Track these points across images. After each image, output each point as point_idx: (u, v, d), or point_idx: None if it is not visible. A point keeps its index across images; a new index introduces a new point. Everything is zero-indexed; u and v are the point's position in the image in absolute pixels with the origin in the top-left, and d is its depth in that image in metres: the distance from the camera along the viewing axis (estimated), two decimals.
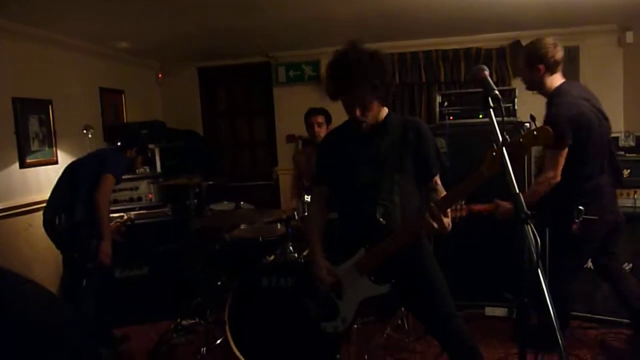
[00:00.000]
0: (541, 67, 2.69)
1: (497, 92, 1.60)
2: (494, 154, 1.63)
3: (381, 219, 2.05)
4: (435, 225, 1.87)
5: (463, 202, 2.65)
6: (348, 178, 2.15)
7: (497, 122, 1.59)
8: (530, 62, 2.72)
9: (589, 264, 3.58)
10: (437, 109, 4.11)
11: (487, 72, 1.69)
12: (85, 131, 4.18)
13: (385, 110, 2.14)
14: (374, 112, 2.06)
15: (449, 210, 1.92)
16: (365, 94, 1.98)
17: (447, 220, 1.91)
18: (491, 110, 1.61)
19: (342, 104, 2.09)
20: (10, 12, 3.35)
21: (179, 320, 3.71)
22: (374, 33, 4.70)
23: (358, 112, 2.01)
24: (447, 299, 2.12)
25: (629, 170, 3.49)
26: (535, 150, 4.22)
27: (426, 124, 2.23)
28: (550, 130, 1.60)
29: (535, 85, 2.79)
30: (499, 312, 3.77)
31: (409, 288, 2.16)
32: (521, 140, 1.63)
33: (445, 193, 2.07)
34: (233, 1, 3.49)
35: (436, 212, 1.87)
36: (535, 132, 1.61)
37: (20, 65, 3.74)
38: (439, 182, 2.15)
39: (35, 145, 3.88)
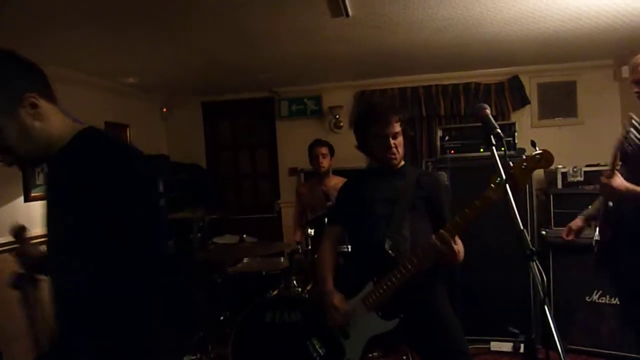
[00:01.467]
0: None
1: (499, 130, 1.64)
2: (498, 179, 1.66)
3: (390, 251, 2.08)
4: (445, 250, 1.89)
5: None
6: (362, 213, 2.22)
7: (500, 157, 1.62)
8: None
9: (594, 297, 3.58)
10: (438, 143, 4.16)
11: (488, 110, 1.74)
12: None
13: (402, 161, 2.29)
14: (402, 150, 2.21)
15: (458, 239, 1.95)
16: (399, 122, 2.17)
17: (457, 248, 1.93)
18: (493, 147, 1.64)
19: (369, 149, 2.26)
20: (19, 49, 3.43)
21: None
22: (374, 70, 4.81)
23: (392, 143, 2.15)
24: (461, 338, 2.12)
25: None
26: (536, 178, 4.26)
27: (440, 176, 2.36)
28: (551, 153, 1.66)
29: None
30: (505, 347, 3.73)
31: (419, 325, 2.12)
32: (524, 164, 1.67)
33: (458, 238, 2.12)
34: (237, 39, 3.59)
35: (445, 236, 1.89)
36: (537, 156, 1.64)
37: None
38: None
39: (40, 179, 3.91)
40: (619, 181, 2.23)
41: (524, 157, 1.78)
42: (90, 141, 1.32)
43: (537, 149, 1.77)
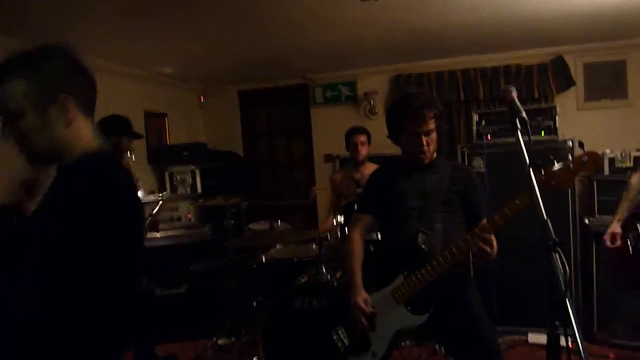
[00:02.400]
0: None
1: (524, 114, 1.56)
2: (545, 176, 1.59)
3: (422, 245, 2.05)
4: (483, 244, 1.85)
5: None
6: (394, 206, 2.18)
7: (525, 143, 1.55)
8: None
9: None
10: (475, 128, 4.03)
11: (514, 94, 1.65)
12: (129, 154, 4.35)
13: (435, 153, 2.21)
14: (434, 146, 2.14)
15: (493, 237, 1.90)
16: (434, 120, 2.08)
17: (494, 243, 1.89)
18: (519, 132, 1.56)
19: (402, 142, 2.19)
20: (56, 38, 3.55)
21: (215, 339, 3.76)
22: (407, 53, 4.69)
23: (425, 141, 2.07)
24: (491, 336, 2.06)
25: None
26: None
27: (474, 171, 2.33)
28: (600, 155, 1.55)
29: None
30: (543, 339, 3.59)
31: (448, 320, 2.07)
32: (571, 166, 1.58)
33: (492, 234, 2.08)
34: (270, 27, 3.60)
35: (487, 230, 1.86)
36: (584, 158, 1.55)
37: None
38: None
39: None
40: None
41: (571, 158, 1.67)
42: (85, 165, 1.28)
43: (584, 150, 1.67)
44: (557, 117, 3.81)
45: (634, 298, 3.41)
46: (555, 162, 1.61)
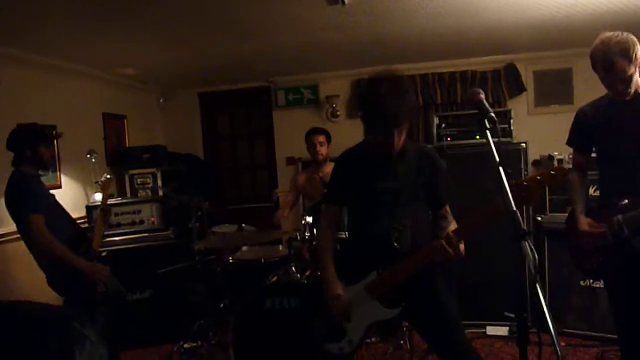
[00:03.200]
0: None
1: (493, 114, 1.66)
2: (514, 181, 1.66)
3: (396, 244, 2.10)
4: (452, 252, 1.93)
5: None
6: (364, 200, 2.20)
7: (494, 143, 1.64)
8: None
9: (588, 281, 3.62)
10: (435, 131, 4.19)
11: (482, 95, 1.75)
12: (89, 156, 4.24)
13: None
14: (403, 138, 2.09)
15: (462, 244, 1.97)
16: (405, 121, 2.03)
17: (461, 246, 1.96)
18: (487, 131, 1.66)
19: (368, 130, 2.11)
20: (16, 40, 3.44)
21: (181, 343, 3.71)
22: (370, 58, 4.81)
23: (396, 139, 2.02)
24: (458, 323, 2.16)
25: None
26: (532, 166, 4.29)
27: (438, 155, 2.29)
28: (565, 168, 1.68)
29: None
30: (501, 330, 3.78)
31: (419, 313, 2.17)
32: (539, 177, 1.68)
33: (453, 221, 2.18)
34: (233, 29, 3.60)
35: (454, 239, 1.93)
36: (552, 172, 1.66)
37: (26, 92, 3.82)
38: (448, 210, 2.22)
39: None
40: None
41: (540, 171, 1.77)
42: None
43: (555, 163, 1.79)
44: (511, 120, 4.02)
45: (583, 290, 3.64)
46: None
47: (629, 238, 2.22)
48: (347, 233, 2.51)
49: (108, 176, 3.37)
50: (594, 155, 2.55)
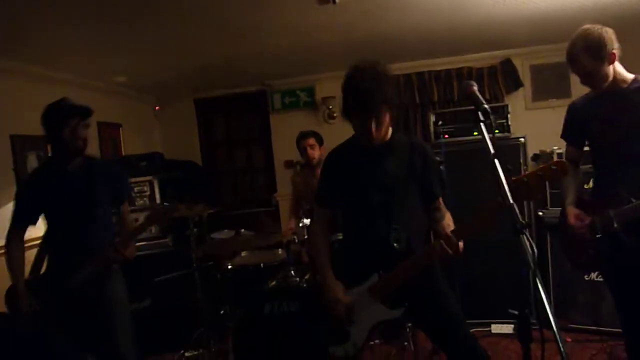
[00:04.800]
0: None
1: (486, 106, 1.62)
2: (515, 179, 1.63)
3: (395, 244, 2.06)
4: (451, 251, 1.90)
5: None
6: (357, 200, 2.15)
7: (488, 135, 1.60)
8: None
9: (592, 275, 3.57)
10: (432, 128, 4.15)
11: (475, 87, 1.71)
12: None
13: (390, 129, 2.15)
14: (386, 128, 2.07)
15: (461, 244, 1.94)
16: (381, 107, 1.99)
17: (460, 245, 1.94)
18: (482, 124, 1.62)
19: (352, 123, 2.09)
20: (8, 51, 3.42)
21: (182, 351, 3.67)
22: (364, 58, 4.77)
23: (373, 127, 2.00)
24: (462, 320, 2.12)
25: None
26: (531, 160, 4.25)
27: (429, 147, 2.27)
28: (565, 163, 1.64)
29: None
30: (506, 329, 3.73)
31: (422, 310, 2.13)
32: (540, 172, 1.64)
33: (447, 212, 2.16)
34: (225, 34, 3.57)
35: (453, 239, 1.90)
36: (553, 166, 1.62)
37: (19, 102, 3.78)
38: (441, 202, 2.19)
39: None
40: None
41: (540, 165, 1.74)
42: None
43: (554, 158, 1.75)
44: (509, 116, 3.98)
45: (587, 285, 3.59)
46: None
47: (618, 232, 2.21)
48: (342, 234, 2.48)
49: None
50: (587, 149, 2.56)
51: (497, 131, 1.72)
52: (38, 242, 3.03)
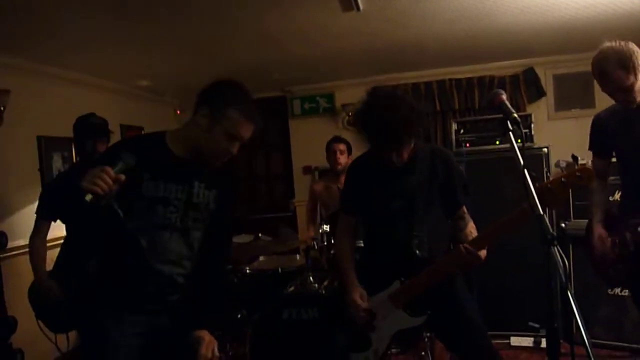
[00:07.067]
0: None
1: (516, 115, 1.61)
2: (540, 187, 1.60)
3: (417, 251, 2.06)
4: (475, 259, 1.89)
5: None
6: (379, 210, 2.15)
7: (517, 145, 1.58)
8: None
9: (616, 290, 3.50)
10: (454, 137, 4.12)
11: (504, 96, 1.69)
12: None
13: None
14: (408, 152, 2.05)
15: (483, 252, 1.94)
16: (407, 142, 1.98)
17: (482, 253, 1.92)
18: (511, 133, 1.61)
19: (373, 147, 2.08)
20: (34, 53, 3.49)
21: None
22: (386, 65, 4.78)
23: (395, 158, 2.00)
24: (483, 330, 2.09)
25: None
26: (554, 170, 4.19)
27: (452, 155, 2.25)
28: (591, 170, 1.61)
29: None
30: (525, 341, 3.67)
31: (444, 319, 2.11)
32: (564, 179, 1.62)
33: (470, 221, 2.12)
34: (248, 39, 3.60)
35: (473, 251, 1.88)
36: (578, 173, 1.59)
37: (45, 104, 3.86)
38: (465, 211, 2.15)
39: None
40: None
41: (564, 172, 1.71)
42: None
43: (578, 164, 1.72)
44: (532, 125, 3.93)
45: (611, 300, 3.51)
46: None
47: None
48: (363, 242, 2.47)
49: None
50: (614, 159, 2.51)
51: (519, 140, 1.69)
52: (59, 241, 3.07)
